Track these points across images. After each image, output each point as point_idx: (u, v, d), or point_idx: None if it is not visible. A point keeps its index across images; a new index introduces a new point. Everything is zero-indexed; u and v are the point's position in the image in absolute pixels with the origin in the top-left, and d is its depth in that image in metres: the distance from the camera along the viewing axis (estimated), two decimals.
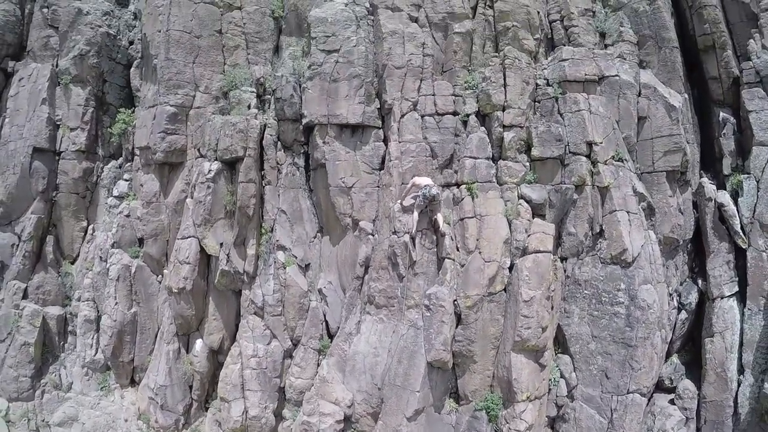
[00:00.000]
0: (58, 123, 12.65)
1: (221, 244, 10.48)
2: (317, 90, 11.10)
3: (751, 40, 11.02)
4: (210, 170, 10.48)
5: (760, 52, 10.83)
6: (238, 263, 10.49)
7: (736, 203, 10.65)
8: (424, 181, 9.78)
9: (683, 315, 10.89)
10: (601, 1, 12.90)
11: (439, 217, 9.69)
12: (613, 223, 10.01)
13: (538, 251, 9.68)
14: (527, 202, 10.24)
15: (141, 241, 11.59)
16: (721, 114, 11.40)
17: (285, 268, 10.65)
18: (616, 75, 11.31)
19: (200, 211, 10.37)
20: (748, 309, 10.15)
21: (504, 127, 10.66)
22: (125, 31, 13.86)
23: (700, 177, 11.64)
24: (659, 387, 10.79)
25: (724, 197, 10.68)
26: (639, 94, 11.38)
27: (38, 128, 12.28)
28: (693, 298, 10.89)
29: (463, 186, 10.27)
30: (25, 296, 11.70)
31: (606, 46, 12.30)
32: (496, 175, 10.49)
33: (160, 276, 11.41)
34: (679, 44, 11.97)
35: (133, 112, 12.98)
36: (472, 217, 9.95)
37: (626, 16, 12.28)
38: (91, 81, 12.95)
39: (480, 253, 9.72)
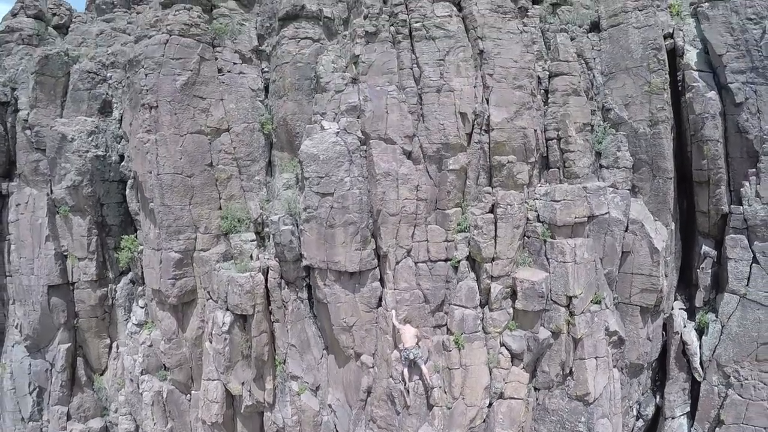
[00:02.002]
0: (65, 253, 13.32)
1: (242, 383, 12.09)
2: (314, 234, 11.59)
3: (747, 183, 10.94)
4: (224, 323, 11.60)
5: (752, 200, 10.84)
6: (259, 395, 12.22)
7: (700, 337, 11.74)
8: (408, 339, 10.89)
9: (641, 423, 12.77)
10: (600, 112, 12.32)
11: (425, 371, 11.04)
12: (582, 370, 11.29)
13: (513, 398, 11.22)
14: (507, 349, 11.42)
15: (166, 366, 13.19)
16: (704, 247, 11.80)
17: (299, 395, 12.40)
18: (606, 213, 11.51)
19: (221, 361, 11.78)
20: (695, 429, 11.96)
21: (492, 278, 11.33)
22: (113, 145, 13.62)
23: (675, 299, 12.50)
24: None
25: (689, 335, 11.73)
26: (626, 229, 11.69)
27: (48, 267, 13.17)
28: (650, 410, 12.65)
29: (452, 337, 11.38)
30: (68, 417, 13.73)
31: (601, 167, 12.17)
32: (482, 323, 11.50)
33: (188, 395, 13.27)
34: (674, 162, 11.81)
35: (136, 236, 13.48)
36: (458, 368, 11.28)
37: (625, 136, 11.91)
38: (89, 210, 13.29)
39: (463, 399, 11.27)
